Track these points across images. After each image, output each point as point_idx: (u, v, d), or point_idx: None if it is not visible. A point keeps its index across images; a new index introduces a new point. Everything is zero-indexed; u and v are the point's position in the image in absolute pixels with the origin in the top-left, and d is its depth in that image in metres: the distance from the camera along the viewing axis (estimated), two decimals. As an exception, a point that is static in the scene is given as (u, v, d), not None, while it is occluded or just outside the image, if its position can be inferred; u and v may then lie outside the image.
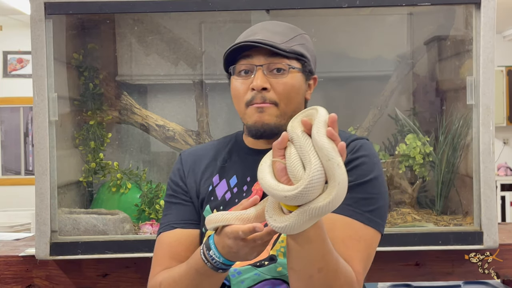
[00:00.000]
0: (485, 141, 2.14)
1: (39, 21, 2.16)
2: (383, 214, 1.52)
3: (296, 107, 1.56)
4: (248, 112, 1.54)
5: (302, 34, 1.61)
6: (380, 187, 1.51)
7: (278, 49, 1.50)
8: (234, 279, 1.52)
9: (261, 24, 1.60)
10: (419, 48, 2.61)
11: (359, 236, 1.46)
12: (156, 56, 2.64)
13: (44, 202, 2.16)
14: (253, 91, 1.52)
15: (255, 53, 1.52)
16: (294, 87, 1.54)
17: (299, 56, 1.55)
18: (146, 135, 2.61)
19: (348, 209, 1.46)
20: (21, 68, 7.83)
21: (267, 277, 1.51)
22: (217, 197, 1.61)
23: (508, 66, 8.21)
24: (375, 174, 1.51)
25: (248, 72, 1.54)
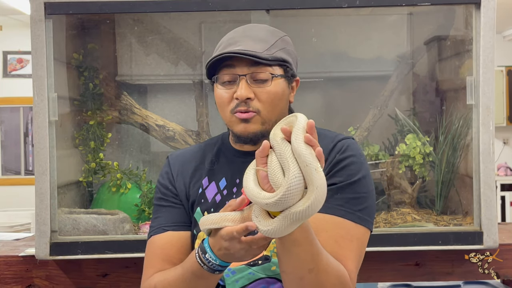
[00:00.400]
0: (485, 141, 2.14)
1: (39, 21, 2.16)
2: (372, 212, 1.56)
3: (280, 112, 1.59)
4: (233, 121, 1.57)
5: (283, 37, 1.62)
6: (368, 186, 1.55)
7: (260, 58, 1.52)
8: (229, 278, 1.55)
9: (242, 30, 1.61)
10: (419, 48, 2.61)
11: (351, 236, 1.49)
12: (156, 56, 2.64)
13: (44, 202, 2.16)
14: (237, 100, 1.54)
15: (237, 62, 1.54)
16: (278, 94, 1.56)
17: (281, 62, 1.57)
18: (146, 135, 2.61)
19: (339, 210, 1.49)
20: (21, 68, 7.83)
21: (261, 276, 1.54)
22: (207, 199, 1.63)
23: (508, 66, 8.21)
24: (363, 173, 1.54)
25: (231, 82, 1.56)
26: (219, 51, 1.58)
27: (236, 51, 1.52)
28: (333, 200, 1.50)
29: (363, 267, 1.64)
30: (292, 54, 1.62)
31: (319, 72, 2.62)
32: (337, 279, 1.43)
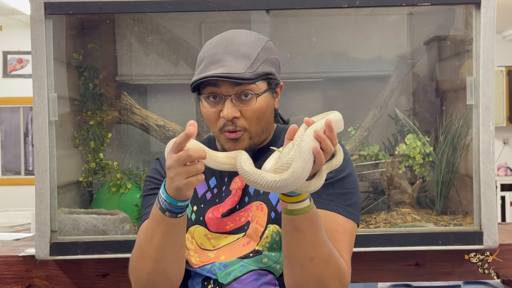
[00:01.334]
0: (485, 141, 2.14)
1: (39, 21, 2.16)
2: (359, 207, 1.64)
3: (267, 123, 1.66)
4: (222, 138, 1.62)
5: (265, 45, 1.63)
6: (355, 182, 1.64)
7: (243, 79, 1.55)
8: (221, 272, 1.59)
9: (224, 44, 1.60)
10: (419, 48, 2.61)
11: (344, 229, 1.57)
12: (156, 56, 2.64)
13: (44, 202, 2.16)
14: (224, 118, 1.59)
15: (222, 82, 1.57)
16: (262, 109, 1.61)
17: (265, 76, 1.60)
18: (146, 135, 2.61)
19: (331, 204, 1.57)
20: (21, 68, 7.83)
21: (253, 268, 1.59)
22: (197, 194, 1.68)
23: (508, 66, 8.21)
24: (349, 170, 1.62)
25: (216, 97, 1.59)
26: (201, 68, 1.59)
27: (219, 75, 1.54)
28: (324, 195, 1.57)
29: (363, 267, 1.65)
30: (274, 62, 1.65)
31: (319, 72, 2.61)
32: (337, 271, 1.49)
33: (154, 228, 1.49)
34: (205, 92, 1.60)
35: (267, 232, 1.59)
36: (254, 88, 1.58)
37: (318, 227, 1.46)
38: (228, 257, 1.60)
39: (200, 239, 1.65)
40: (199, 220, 1.66)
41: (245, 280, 1.58)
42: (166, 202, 1.43)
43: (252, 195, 1.65)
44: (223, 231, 1.64)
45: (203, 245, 1.64)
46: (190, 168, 1.37)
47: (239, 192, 1.65)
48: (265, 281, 1.58)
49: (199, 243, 1.65)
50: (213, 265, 1.61)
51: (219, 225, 1.65)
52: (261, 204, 1.62)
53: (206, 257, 1.63)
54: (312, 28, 2.53)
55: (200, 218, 1.66)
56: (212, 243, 1.64)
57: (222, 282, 1.59)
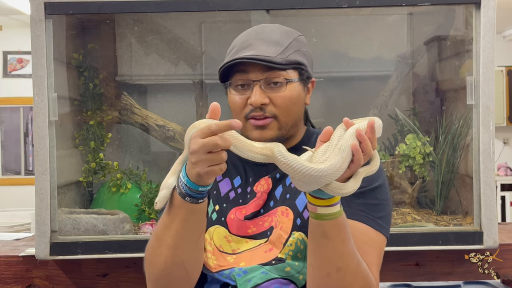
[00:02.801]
0: (485, 141, 2.14)
1: (39, 21, 2.16)
2: (390, 220, 1.54)
3: (297, 116, 1.57)
4: (248, 127, 1.54)
5: (297, 37, 1.58)
6: (386, 194, 1.53)
7: (274, 63, 1.49)
8: (240, 278, 1.50)
9: (256, 32, 1.57)
10: (419, 48, 2.61)
11: (373, 243, 1.47)
12: (156, 56, 2.64)
13: (44, 202, 2.16)
14: (251, 105, 1.51)
15: (250, 67, 1.51)
16: (293, 98, 1.53)
17: (296, 65, 1.53)
18: (146, 135, 2.61)
19: (361, 215, 1.47)
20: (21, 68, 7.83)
21: (274, 276, 1.49)
22: (220, 193, 1.60)
23: (508, 66, 8.21)
24: (382, 180, 1.52)
25: (244, 86, 1.53)
26: (231, 55, 1.54)
27: (249, 57, 1.49)
28: (355, 205, 1.47)
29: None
30: (307, 54, 1.59)
31: (319, 72, 2.61)
32: (365, 285, 1.40)
33: (173, 215, 1.40)
34: (234, 79, 1.53)
35: (291, 240, 1.50)
36: (285, 75, 1.51)
37: (347, 235, 1.37)
38: (249, 263, 1.51)
39: (219, 241, 1.55)
40: (220, 221, 1.57)
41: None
42: (187, 186, 1.35)
43: (278, 199, 1.55)
44: (245, 234, 1.55)
45: (222, 247, 1.55)
46: (214, 157, 1.28)
47: (265, 195, 1.56)
48: None
49: (217, 245, 1.55)
50: (232, 271, 1.51)
51: (240, 228, 1.55)
52: (287, 209, 1.53)
53: (224, 261, 1.53)
54: (312, 28, 2.53)
55: (222, 219, 1.57)
56: (231, 246, 1.55)
57: None
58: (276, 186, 1.57)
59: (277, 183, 1.57)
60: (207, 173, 1.31)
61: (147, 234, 2.29)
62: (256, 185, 1.58)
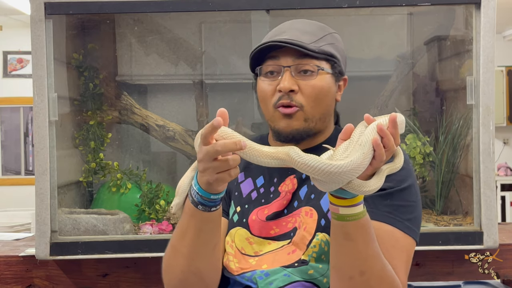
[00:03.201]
0: (485, 141, 2.14)
1: (39, 21, 2.16)
2: (419, 222, 1.48)
3: (326, 110, 1.52)
4: (275, 117, 1.50)
5: (332, 33, 1.56)
6: (416, 195, 1.48)
7: (306, 49, 1.45)
8: (262, 281, 1.46)
9: (289, 23, 1.55)
10: (419, 48, 2.61)
11: (401, 246, 1.42)
12: (156, 56, 2.64)
13: (44, 202, 2.16)
14: (280, 92, 1.47)
15: (282, 53, 1.48)
16: (323, 89, 1.49)
17: (328, 57, 1.50)
18: (146, 135, 2.61)
19: (389, 217, 1.42)
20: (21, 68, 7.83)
21: (297, 278, 1.45)
22: (241, 194, 1.57)
23: (508, 66, 8.21)
24: (412, 181, 1.47)
25: (274, 73, 1.49)
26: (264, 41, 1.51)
27: (282, 40, 1.45)
28: (382, 206, 1.42)
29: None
30: (341, 51, 1.55)
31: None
32: None
33: (187, 223, 1.37)
34: (264, 66, 1.49)
35: (315, 241, 1.45)
36: (316, 63, 1.47)
37: (370, 237, 1.31)
38: (271, 265, 1.47)
39: (241, 243, 1.52)
40: (241, 222, 1.53)
41: None
42: (199, 194, 1.31)
43: (302, 199, 1.50)
44: (267, 236, 1.51)
45: (243, 249, 1.51)
46: (220, 164, 1.24)
47: (289, 195, 1.51)
48: None
49: (239, 247, 1.52)
50: (253, 273, 1.47)
51: (262, 229, 1.51)
52: (311, 209, 1.48)
53: (246, 263, 1.50)
54: (312, 28, 2.53)
55: (243, 220, 1.53)
56: (253, 248, 1.51)
57: None
58: (301, 186, 1.52)
59: (303, 183, 1.53)
60: (216, 181, 1.27)
61: (147, 234, 2.29)
62: (282, 185, 1.54)
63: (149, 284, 2.27)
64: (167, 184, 2.55)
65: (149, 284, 2.27)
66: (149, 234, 2.29)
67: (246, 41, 2.48)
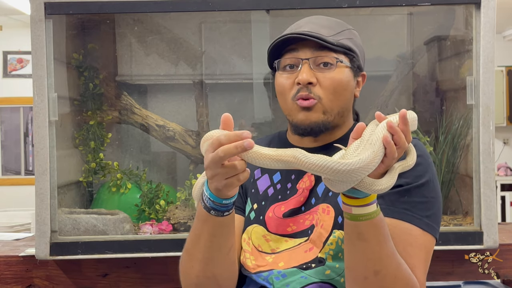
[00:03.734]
0: (485, 141, 2.14)
1: (39, 21, 2.16)
2: (439, 218, 1.46)
3: (344, 104, 1.51)
4: (294, 110, 1.49)
5: (351, 29, 1.55)
6: (435, 190, 1.45)
7: (325, 41, 1.45)
8: (278, 282, 1.45)
9: (307, 18, 1.54)
10: (419, 48, 2.61)
11: (419, 244, 1.41)
12: (156, 56, 2.64)
13: (44, 202, 2.16)
14: (298, 85, 1.47)
15: (301, 46, 1.47)
16: (342, 82, 1.48)
17: (347, 51, 1.49)
18: (146, 135, 2.61)
19: (407, 214, 1.40)
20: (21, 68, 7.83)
21: (314, 280, 1.44)
22: (258, 191, 1.56)
23: (508, 66, 8.21)
24: (430, 176, 1.45)
25: (293, 67, 1.48)
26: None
27: (300, 32, 1.45)
28: (399, 203, 1.40)
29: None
30: (359, 47, 1.55)
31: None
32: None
33: (200, 229, 1.36)
34: (283, 59, 1.49)
35: (332, 239, 1.44)
36: (335, 56, 1.46)
37: (385, 236, 1.30)
38: (288, 263, 1.46)
39: (257, 240, 1.51)
40: (258, 219, 1.53)
41: None
42: (210, 200, 1.30)
43: (320, 196, 1.49)
44: (284, 233, 1.50)
45: (260, 247, 1.50)
46: (227, 170, 1.22)
47: (306, 192, 1.50)
48: None
49: (256, 245, 1.51)
50: (270, 273, 1.46)
51: (279, 226, 1.50)
52: (328, 206, 1.46)
53: (263, 260, 1.49)
54: (312, 28, 2.53)
55: (260, 217, 1.52)
56: (270, 246, 1.50)
57: None
58: (319, 182, 1.51)
59: (320, 179, 1.50)
60: (225, 186, 1.25)
61: (147, 234, 2.29)
62: (300, 182, 1.53)
63: (149, 284, 2.27)
64: (167, 184, 2.55)
65: (149, 284, 2.27)
66: (149, 234, 2.29)
67: (246, 41, 2.48)
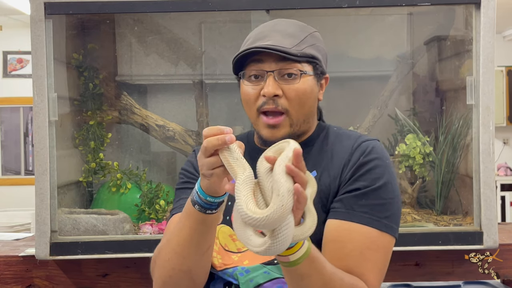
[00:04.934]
0: (485, 141, 2.14)
1: (39, 21, 2.16)
2: (398, 218, 1.49)
3: (309, 111, 1.55)
4: (260, 124, 1.52)
5: (313, 32, 1.57)
6: (393, 191, 1.49)
7: (289, 54, 1.47)
8: (243, 277, 1.50)
9: (271, 25, 1.56)
10: (419, 48, 2.61)
11: (377, 246, 1.44)
12: (156, 56, 2.64)
13: (44, 202, 2.16)
14: (264, 97, 1.49)
15: (265, 57, 1.49)
16: (306, 92, 1.51)
17: (310, 59, 1.52)
18: (146, 135, 2.61)
19: (365, 217, 1.43)
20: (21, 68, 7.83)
21: (277, 275, 1.49)
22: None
23: (508, 66, 8.21)
24: (387, 178, 1.48)
25: (258, 77, 1.51)
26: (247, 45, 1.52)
27: (264, 46, 1.47)
28: (358, 206, 1.44)
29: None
30: (321, 51, 1.58)
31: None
32: None
33: (183, 222, 1.40)
34: (247, 70, 1.51)
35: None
36: (299, 67, 1.49)
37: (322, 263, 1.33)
38: (252, 261, 1.51)
39: (224, 240, 1.56)
40: (225, 220, 1.57)
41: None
42: (197, 194, 1.34)
43: None
44: None
45: (227, 246, 1.56)
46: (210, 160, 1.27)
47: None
48: None
49: (223, 244, 1.56)
50: (235, 269, 1.52)
51: None
52: None
53: (229, 259, 1.54)
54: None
55: (227, 218, 1.57)
56: (236, 245, 1.55)
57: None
58: None
59: None
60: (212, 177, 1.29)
61: (147, 234, 2.29)
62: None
63: (149, 284, 2.26)
64: (167, 184, 2.55)
65: (149, 284, 2.26)
66: (149, 234, 2.29)
67: (246, 41, 2.47)
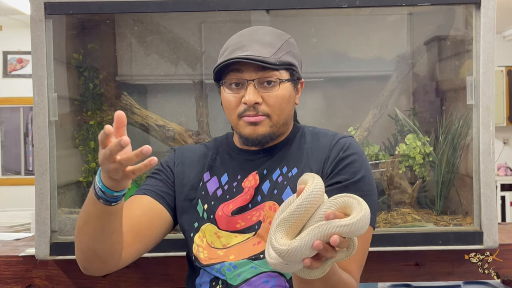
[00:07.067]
0: (485, 141, 2.14)
1: (39, 21, 2.16)
2: (376, 209, 1.64)
3: (288, 115, 1.65)
4: (241, 124, 1.61)
5: (288, 39, 1.65)
6: (371, 184, 1.62)
7: (268, 63, 1.55)
8: (230, 273, 1.57)
9: (249, 34, 1.63)
10: (419, 48, 2.61)
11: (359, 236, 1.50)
12: (156, 56, 2.64)
13: (44, 202, 2.16)
14: (245, 104, 1.58)
15: (245, 67, 1.57)
16: (285, 97, 1.60)
17: (287, 66, 1.60)
18: (146, 135, 2.61)
19: None
20: (21, 68, 7.83)
21: (263, 270, 1.57)
22: (208, 192, 1.67)
23: (508, 66, 8.21)
24: (365, 171, 1.61)
25: (239, 85, 1.59)
26: (225, 55, 1.60)
27: (244, 57, 1.55)
28: None
29: (363, 267, 1.64)
30: (297, 56, 1.66)
31: (319, 72, 2.61)
32: None
33: (88, 210, 1.48)
34: (228, 78, 1.60)
35: None
36: (277, 75, 1.59)
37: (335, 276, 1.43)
38: (238, 256, 1.59)
39: (210, 237, 1.64)
40: (210, 219, 1.65)
41: (255, 282, 1.56)
42: (101, 191, 1.42)
43: (266, 194, 1.63)
44: (233, 229, 1.62)
45: (213, 243, 1.63)
46: (114, 165, 1.36)
47: (252, 190, 1.63)
48: (275, 283, 1.56)
49: (209, 242, 1.63)
50: (222, 265, 1.59)
51: (229, 223, 1.63)
52: (274, 204, 1.60)
53: (215, 254, 1.61)
54: (312, 28, 2.53)
55: (211, 216, 1.65)
56: (222, 242, 1.62)
57: (231, 283, 1.57)
58: (263, 181, 1.64)
59: (264, 178, 1.64)
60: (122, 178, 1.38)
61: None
62: (245, 181, 1.65)
63: (149, 284, 2.27)
64: (167, 184, 2.54)
65: (149, 284, 2.27)
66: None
67: (246, 41, 2.47)
